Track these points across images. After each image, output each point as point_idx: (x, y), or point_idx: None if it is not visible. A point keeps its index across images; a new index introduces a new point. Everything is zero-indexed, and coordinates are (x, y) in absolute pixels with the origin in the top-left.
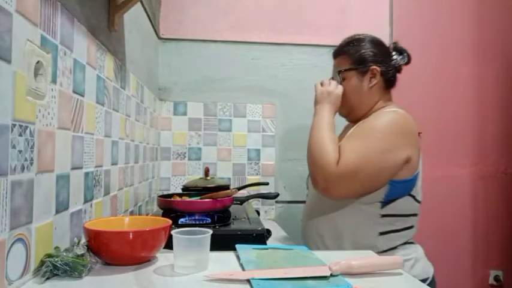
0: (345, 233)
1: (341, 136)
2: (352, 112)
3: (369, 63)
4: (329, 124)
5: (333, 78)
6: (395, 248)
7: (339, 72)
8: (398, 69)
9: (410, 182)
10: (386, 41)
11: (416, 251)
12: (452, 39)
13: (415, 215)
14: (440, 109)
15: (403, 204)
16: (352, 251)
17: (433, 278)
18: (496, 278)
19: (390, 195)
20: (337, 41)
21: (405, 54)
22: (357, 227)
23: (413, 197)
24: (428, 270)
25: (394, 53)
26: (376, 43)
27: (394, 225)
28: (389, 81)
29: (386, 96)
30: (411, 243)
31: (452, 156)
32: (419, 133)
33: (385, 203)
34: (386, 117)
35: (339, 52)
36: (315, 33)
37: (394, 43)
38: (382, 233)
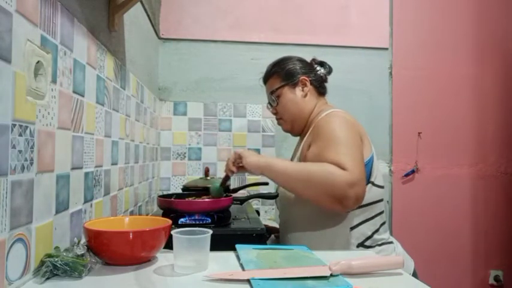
0: (321, 242)
1: (294, 153)
2: (294, 124)
3: (297, 75)
4: (287, 163)
5: (269, 103)
6: (370, 237)
7: (272, 92)
8: (324, 78)
9: (366, 167)
10: (387, 41)
11: (396, 248)
12: (451, 39)
13: (380, 200)
14: (440, 109)
15: (366, 194)
16: (351, 251)
17: (414, 271)
18: (496, 278)
19: None
20: (337, 41)
21: (326, 65)
22: (329, 231)
23: (373, 183)
24: (410, 265)
25: (316, 65)
26: (298, 59)
27: (363, 216)
28: (319, 89)
29: (321, 101)
30: (390, 242)
31: (452, 156)
32: (419, 133)
33: None
34: (333, 117)
35: (268, 76)
36: (315, 33)
37: (313, 58)
38: (353, 228)
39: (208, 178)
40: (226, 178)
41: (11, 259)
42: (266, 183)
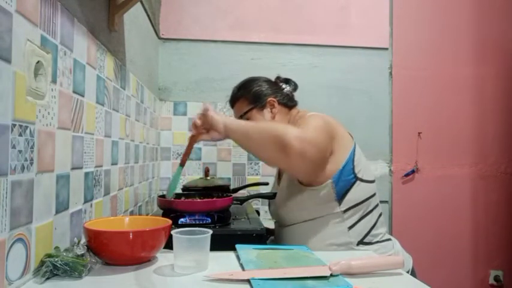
0: (320, 244)
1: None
2: None
3: (264, 97)
4: (252, 122)
5: None
6: (368, 233)
7: (241, 116)
8: (291, 96)
9: (346, 168)
10: (387, 41)
11: (394, 245)
12: (452, 39)
13: (373, 195)
14: (441, 109)
15: (356, 192)
16: (351, 251)
17: (412, 268)
18: (496, 278)
19: (339, 190)
20: (337, 41)
21: (291, 82)
22: (328, 233)
23: (361, 179)
24: (408, 262)
25: (281, 84)
26: (263, 80)
27: (359, 214)
28: (288, 104)
29: (293, 114)
30: (388, 239)
31: (452, 156)
32: (419, 133)
33: (340, 199)
34: (310, 115)
35: (234, 99)
36: (315, 33)
37: (278, 77)
38: (350, 227)
39: (208, 178)
40: (192, 141)
41: (11, 259)
42: (266, 183)
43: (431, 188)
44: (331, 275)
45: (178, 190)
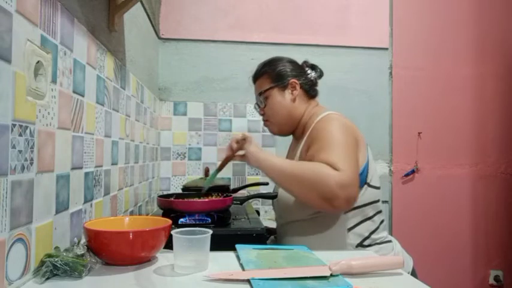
0: (319, 244)
1: (289, 155)
2: (283, 127)
3: (287, 77)
4: (284, 161)
5: (257, 104)
6: (368, 237)
7: (261, 93)
8: (314, 82)
9: (362, 175)
10: (387, 41)
11: (394, 247)
12: (451, 39)
13: (377, 201)
14: (440, 109)
15: (362, 195)
16: (352, 251)
17: (413, 269)
18: (496, 278)
19: None
20: (337, 41)
21: (317, 69)
22: (327, 233)
23: (368, 184)
24: (409, 263)
25: (307, 68)
26: (290, 61)
27: (360, 217)
28: (310, 92)
29: (311, 105)
30: (389, 241)
31: (452, 156)
32: (419, 133)
33: None
34: (331, 120)
35: (258, 75)
36: (315, 33)
37: (305, 61)
38: (350, 229)
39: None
40: (225, 161)
41: (11, 259)
42: (266, 183)
43: (431, 188)
44: (331, 275)
45: (178, 190)
